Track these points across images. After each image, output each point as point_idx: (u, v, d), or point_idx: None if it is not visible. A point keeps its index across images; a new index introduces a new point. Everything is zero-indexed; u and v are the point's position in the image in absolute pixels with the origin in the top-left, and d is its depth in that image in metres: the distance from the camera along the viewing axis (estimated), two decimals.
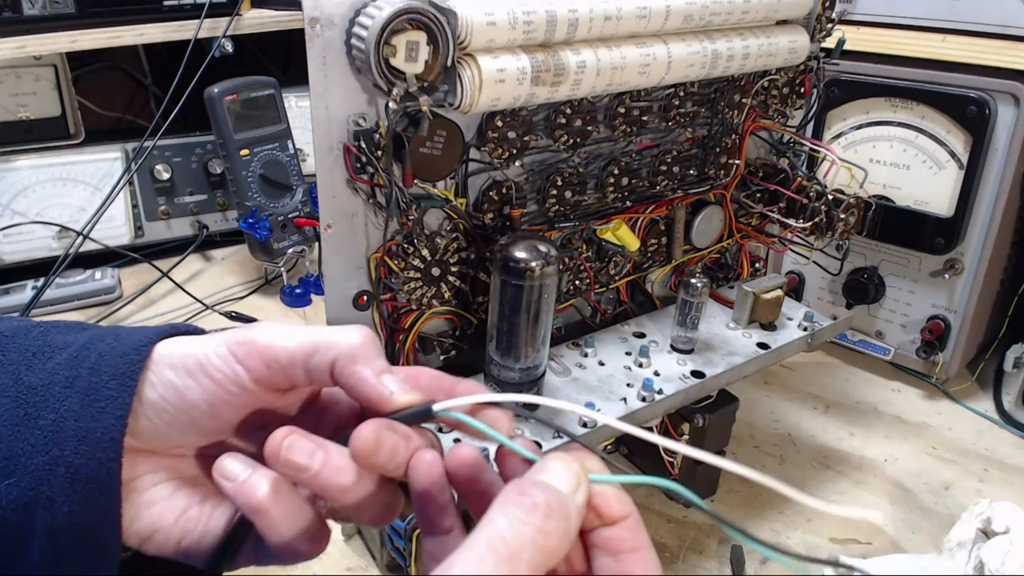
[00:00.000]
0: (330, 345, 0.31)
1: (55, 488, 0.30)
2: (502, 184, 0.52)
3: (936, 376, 0.83)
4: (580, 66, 0.46)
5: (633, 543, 0.29)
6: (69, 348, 0.33)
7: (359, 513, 0.32)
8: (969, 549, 0.51)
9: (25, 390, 0.31)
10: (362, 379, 0.31)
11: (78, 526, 0.30)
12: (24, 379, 0.31)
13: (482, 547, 0.25)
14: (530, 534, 0.26)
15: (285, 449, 0.30)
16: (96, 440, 0.30)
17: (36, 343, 0.33)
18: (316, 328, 0.32)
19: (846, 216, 0.64)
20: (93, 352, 0.32)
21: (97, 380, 0.31)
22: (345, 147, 0.44)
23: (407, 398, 0.31)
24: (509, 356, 0.47)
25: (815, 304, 0.88)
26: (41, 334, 0.33)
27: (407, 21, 0.39)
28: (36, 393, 0.31)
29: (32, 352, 0.32)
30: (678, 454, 0.63)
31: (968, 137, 0.72)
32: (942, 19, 0.75)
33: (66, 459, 0.30)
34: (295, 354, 0.31)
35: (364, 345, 0.32)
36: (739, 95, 0.61)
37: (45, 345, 0.33)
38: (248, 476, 0.31)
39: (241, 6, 1.00)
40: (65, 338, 0.33)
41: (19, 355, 0.32)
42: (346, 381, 0.31)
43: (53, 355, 0.32)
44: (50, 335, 0.33)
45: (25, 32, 0.86)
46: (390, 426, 0.30)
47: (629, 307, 0.64)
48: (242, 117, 0.92)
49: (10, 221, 0.93)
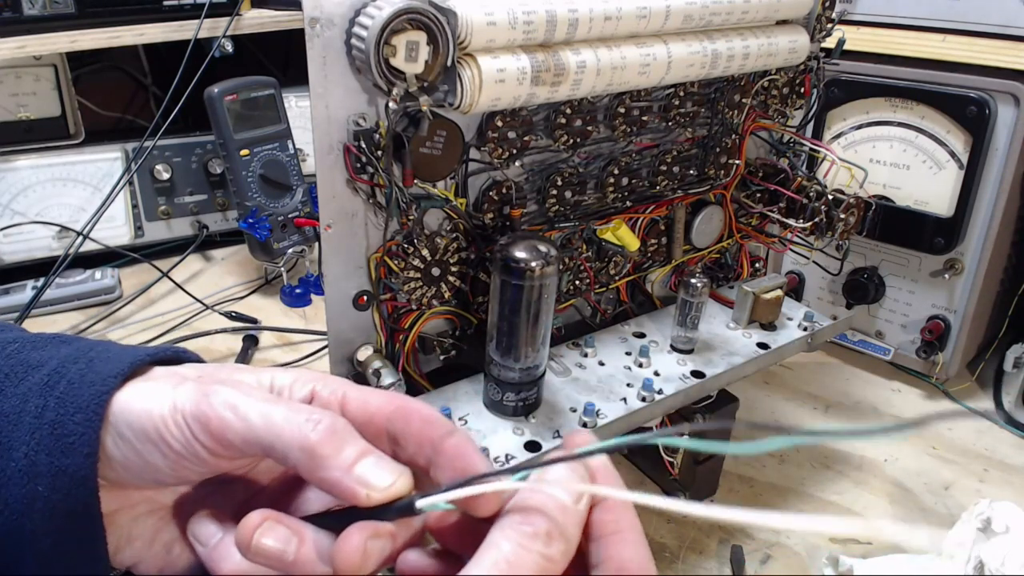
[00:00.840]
0: (285, 450, 0.29)
1: (36, 522, 0.29)
2: (502, 184, 0.52)
3: (936, 376, 0.83)
4: (580, 66, 0.46)
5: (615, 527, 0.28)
6: (41, 369, 0.32)
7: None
8: (969, 549, 0.51)
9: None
10: (332, 484, 0.28)
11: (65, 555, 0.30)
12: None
13: (487, 567, 0.25)
14: (533, 559, 0.26)
15: (258, 535, 0.28)
16: (69, 477, 0.29)
17: (9, 362, 0.32)
18: (276, 409, 0.30)
19: (846, 216, 0.64)
20: (63, 379, 0.31)
21: (64, 412, 0.30)
22: (345, 147, 0.44)
23: (386, 493, 0.28)
24: (509, 356, 0.47)
25: (815, 304, 0.88)
26: (16, 351, 0.33)
27: (407, 21, 0.39)
28: (9, 421, 0.30)
29: (4, 373, 0.32)
30: (678, 454, 0.63)
31: (968, 137, 0.72)
32: (942, 19, 0.75)
33: (43, 495, 0.29)
34: (249, 440, 0.29)
35: (323, 443, 0.28)
36: (739, 95, 0.61)
37: (18, 364, 0.32)
38: (219, 541, 0.31)
39: (241, 6, 1.00)
40: (40, 355, 0.33)
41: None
42: (315, 484, 0.29)
43: (26, 376, 0.32)
44: (23, 352, 0.33)
45: (25, 32, 0.86)
46: (375, 533, 0.28)
47: (629, 307, 0.64)
48: (242, 117, 0.91)
49: (10, 221, 0.93)
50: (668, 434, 0.27)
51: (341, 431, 0.29)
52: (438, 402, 0.50)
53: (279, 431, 0.29)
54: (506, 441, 0.47)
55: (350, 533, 0.28)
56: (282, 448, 0.29)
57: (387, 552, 0.29)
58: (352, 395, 0.32)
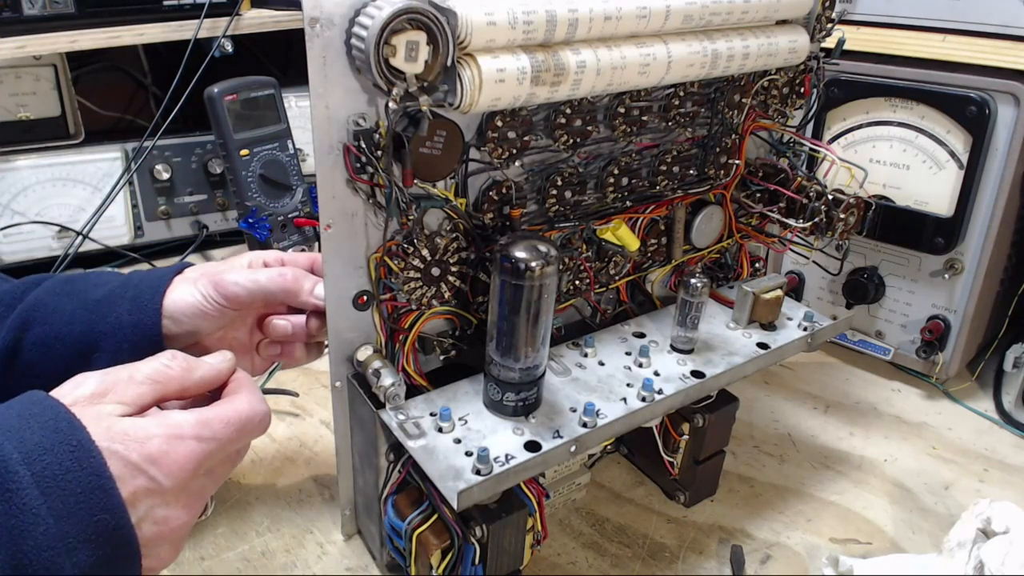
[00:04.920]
0: (274, 294, 0.53)
1: (123, 356, 0.45)
2: (502, 184, 0.52)
3: (936, 376, 0.83)
4: (580, 66, 0.46)
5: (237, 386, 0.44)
6: (115, 280, 0.52)
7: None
8: (969, 549, 0.51)
9: (92, 303, 0.50)
10: (303, 303, 0.54)
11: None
12: (90, 296, 0.50)
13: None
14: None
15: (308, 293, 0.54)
16: (145, 326, 0.49)
17: (93, 278, 0.53)
18: (261, 274, 0.53)
19: (846, 216, 0.64)
20: (133, 280, 0.52)
21: (138, 293, 0.51)
22: (345, 147, 0.44)
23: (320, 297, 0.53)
24: (509, 356, 0.47)
25: (815, 304, 0.88)
26: (96, 274, 0.54)
27: (407, 21, 0.39)
28: (99, 305, 0.50)
29: (92, 282, 0.52)
30: (678, 454, 0.63)
31: (968, 137, 0.72)
32: (942, 19, 0.75)
33: (128, 339, 0.49)
34: (253, 295, 0.52)
35: (293, 283, 0.53)
36: (739, 95, 0.61)
37: (99, 279, 0.53)
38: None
39: (241, 6, 1.00)
40: (111, 276, 0.53)
41: (83, 284, 0.52)
42: (295, 305, 0.55)
43: (107, 283, 0.52)
44: (103, 275, 0.54)
45: (25, 32, 0.86)
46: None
47: (629, 307, 0.64)
48: (242, 117, 0.92)
49: (10, 221, 0.93)
50: None
51: (300, 275, 0.54)
52: (438, 402, 0.50)
53: (266, 285, 0.53)
54: (506, 441, 0.47)
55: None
56: (272, 294, 0.53)
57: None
58: (300, 258, 0.57)
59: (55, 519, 0.32)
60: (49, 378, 0.41)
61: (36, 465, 0.33)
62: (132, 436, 0.36)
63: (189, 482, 0.38)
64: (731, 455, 0.68)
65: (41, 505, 0.32)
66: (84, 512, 0.33)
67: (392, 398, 0.48)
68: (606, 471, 0.68)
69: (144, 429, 0.37)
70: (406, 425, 0.47)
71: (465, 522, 0.48)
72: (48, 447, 0.33)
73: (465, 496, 0.42)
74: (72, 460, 0.33)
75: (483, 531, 0.47)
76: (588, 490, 0.65)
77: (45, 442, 0.34)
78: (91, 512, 0.33)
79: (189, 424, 0.38)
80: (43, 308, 0.50)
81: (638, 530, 0.62)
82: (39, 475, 0.33)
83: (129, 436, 0.36)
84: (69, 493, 0.33)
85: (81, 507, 0.33)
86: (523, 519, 0.49)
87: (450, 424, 0.47)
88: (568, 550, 0.60)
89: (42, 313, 0.49)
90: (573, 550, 0.60)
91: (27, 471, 0.32)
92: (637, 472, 0.69)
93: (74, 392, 0.38)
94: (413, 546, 0.50)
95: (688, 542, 0.61)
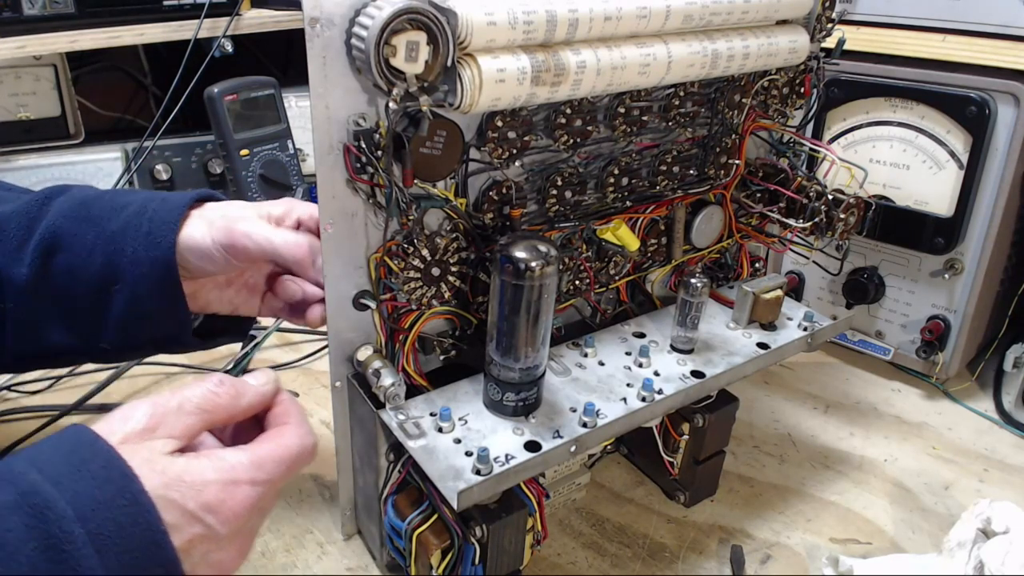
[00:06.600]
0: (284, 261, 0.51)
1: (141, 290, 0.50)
2: (502, 184, 0.52)
3: (936, 376, 0.83)
4: (580, 66, 0.46)
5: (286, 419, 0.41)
6: (131, 206, 0.52)
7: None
8: (969, 549, 0.51)
9: (109, 234, 0.50)
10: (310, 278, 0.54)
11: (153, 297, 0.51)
12: (108, 227, 0.50)
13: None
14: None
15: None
16: (162, 263, 0.50)
17: (109, 201, 0.52)
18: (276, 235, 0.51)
19: (846, 216, 0.64)
20: (149, 209, 0.51)
21: (154, 228, 0.50)
22: (345, 147, 0.44)
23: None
24: (509, 356, 0.47)
25: (815, 304, 0.88)
26: (111, 196, 0.53)
27: (407, 21, 0.39)
28: (117, 237, 0.50)
29: (108, 206, 0.52)
30: (678, 454, 0.63)
31: (968, 137, 0.72)
32: (942, 19, 0.75)
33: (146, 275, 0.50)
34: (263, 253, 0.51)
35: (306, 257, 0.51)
36: (739, 95, 0.61)
37: (114, 202, 0.52)
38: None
39: (241, 6, 1.00)
40: (126, 199, 0.53)
41: (99, 210, 0.51)
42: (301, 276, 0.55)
43: (123, 210, 0.51)
44: (117, 197, 0.53)
45: (25, 32, 0.86)
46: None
47: (629, 307, 0.64)
48: (242, 117, 0.92)
49: None
50: None
51: (315, 248, 0.51)
52: (438, 402, 0.50)
53: (278, 249, 0.51)
54: (506, 441, 0.47)
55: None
56: (281, 259, 0.51)
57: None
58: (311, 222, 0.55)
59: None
60: (75, 309, 0.50)
61: (90, 523, 0.32)
62: (188, 483, 0.35)
63: (243, 525, 0.37)
64: (731, 455, 0.68)
65: (96, 565, 0.32)
66: (138, 569, 0.33)
67: (392, 398, 0.48)
68: (606, 471, 0.68)
69: (200, 475, 0.36)
70: (406, 425, 0.47)
71: (465, 522, 0.48)
72: (102, 501, 0.33)
73: (465, 496, 0.42)
74: (126, 516, 0.33)
75: (483, 531, 0.47)
76: (588, 490, 0.65)
77: (99, 496, 0.33)
78: (145, 568, 0.33)
79: (244, 468, 0.37)
80: (65, 235, 0.50)
81: (638, 530, 0.62)
82: (93, 533, 0.32)
83: (185, 483, 0.35)
84: (123, 550, 0.32)
85: (136, 564, 0.33)
86: (523, 519, 0.49)
87: (450, 424, 0.47)
88: (568, 550, 0.60)
89: (65, 240, 0.50)
90: (573, 550, 0.60)
91: (82, 529, 0.32)
92: (637, 472, 0.69)
93: (124, 429, 0.36)
94: (413, 546, 0.50)
95: (688, 542, 0.61)
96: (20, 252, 0.50)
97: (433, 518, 0.50)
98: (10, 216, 0.51)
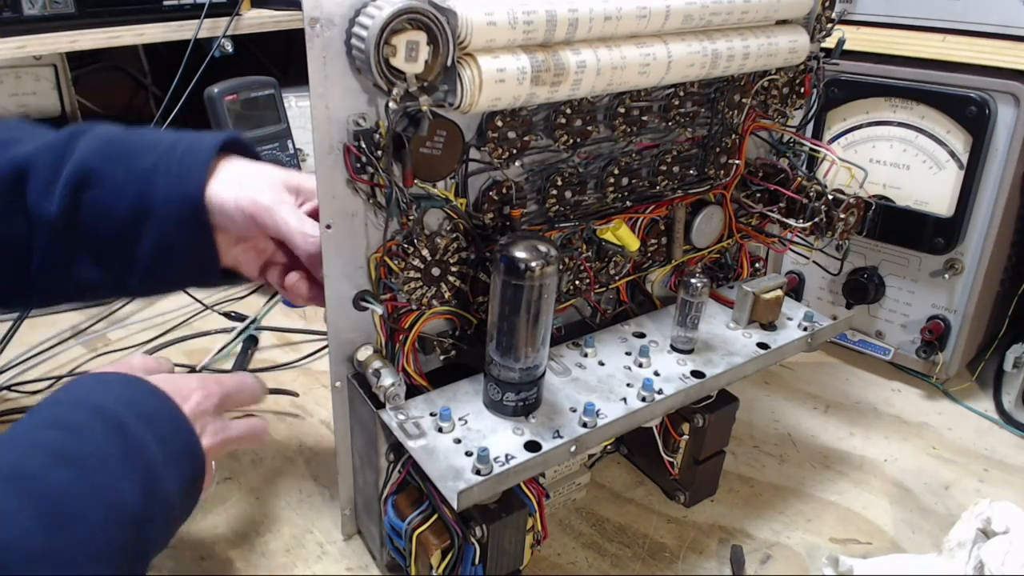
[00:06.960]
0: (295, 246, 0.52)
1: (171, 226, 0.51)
2: (502, 184, 0.52)
3: (936, 376, 0.83)
4: (580, 66, 0.46)
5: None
6: (161, 144, 0.53)
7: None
8: (969, 549, 0.51)
9: (140, 171, 0.51)
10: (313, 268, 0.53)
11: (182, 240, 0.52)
12: (137, 164, 0.51)
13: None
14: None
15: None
16: (192, 197, 0.51)
17: (139, 141, 0.53)
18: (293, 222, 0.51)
19: (846, 216, 0.64)
20: (178, 150, 0.52)
21: (183, 167, 0.51)
22: (345, 147, 0.44)
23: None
24: (509, 356, 0.47)
25: (815, 304, 0.88)
26: (139, 135, 0.54)
27: (407, 21, 0.39)
28: (147, 175, 0.51)
29: (137, 144, 0.52)
30: (678, 454, 0.63)
31: (968, 137, 0.72)
32: (942, 19, 0.75)
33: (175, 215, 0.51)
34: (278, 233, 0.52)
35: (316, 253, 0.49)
36: (739, 95, 0.61)
37: (142, 140, 0.53)
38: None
39: (241, 6, 1.00)
40: (154, 136, 0.54)
41: (129, 147, 0.52)
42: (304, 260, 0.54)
43: (153, 148, 0.52)
44: (145, 135, 0.54)
45: (25, 32, 0.86)
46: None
47: (629, 307, 0.64)
48: (242, 117, 0.92)
49: None
50: None
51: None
52: (438, 402, 0.50)
53: (292, 238, 0.51)
54: (506, 441, 0.47)
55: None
56: (292, 244, 0.52)
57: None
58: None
59: (157, 443, 0.42)
60: (106, 245, 0.51)
61: (133, 409, 0.43)
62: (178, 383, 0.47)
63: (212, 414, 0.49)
64: (731, 455, 0.68)
65: (146, 434, 0.42)
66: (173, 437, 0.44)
67: (392, 398, 0.48)
68: (606, 471, 0.68)
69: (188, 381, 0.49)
70: (406, 425, 0.47)
71: (465, 522, 0.48)
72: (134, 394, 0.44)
73: (465, 496, 0.42)
74: (157, 402, 0.44)
75: (483, 531, 0.47)
76: (588, 490, 0.65)
77: (128, 392, 0.44)
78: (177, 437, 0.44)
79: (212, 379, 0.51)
80: (95, 172, 0.51)
81: (638, 530, 0.62)
82: (140, 414, 0.42)
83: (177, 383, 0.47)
84: (160, 424, 0.43)
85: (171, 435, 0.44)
86: (523, 519, 0.49)
87: (450, 424, 0.47)
88: (568, 550, 0.60)
89: (95, 177, 0.51)
90: (573, 550, 0.60)
91: (131, 412, 0.42)
92: (637, 472, 0.69)
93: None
94: (413, 546, 0.50)
95: (688, 542, 0.61)
96: (50, 189, 0.50)
97: (433, 518, 0.50)
98: (36, 153, 0.51)
